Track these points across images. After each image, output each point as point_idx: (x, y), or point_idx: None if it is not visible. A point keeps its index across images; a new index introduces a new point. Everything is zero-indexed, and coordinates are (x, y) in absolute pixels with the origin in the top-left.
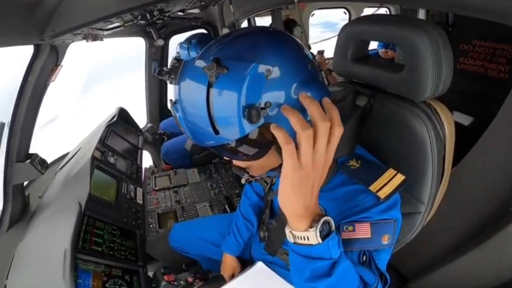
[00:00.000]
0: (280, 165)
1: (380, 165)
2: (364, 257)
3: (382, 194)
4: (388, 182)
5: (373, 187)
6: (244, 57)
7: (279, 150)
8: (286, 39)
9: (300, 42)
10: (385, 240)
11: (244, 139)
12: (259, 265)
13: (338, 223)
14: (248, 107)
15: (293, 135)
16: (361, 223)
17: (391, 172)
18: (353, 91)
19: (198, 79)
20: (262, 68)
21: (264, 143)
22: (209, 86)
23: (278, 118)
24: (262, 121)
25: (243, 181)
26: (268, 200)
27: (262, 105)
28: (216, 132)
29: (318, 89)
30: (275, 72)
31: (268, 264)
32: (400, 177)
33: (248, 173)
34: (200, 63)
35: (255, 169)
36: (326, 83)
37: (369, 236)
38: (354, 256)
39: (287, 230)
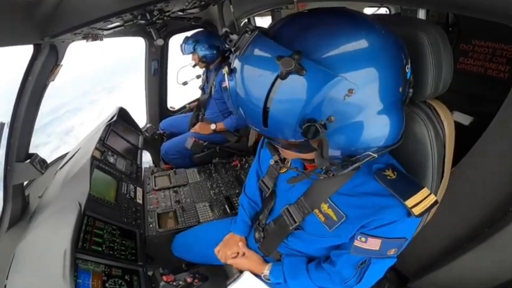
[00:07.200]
0: (312, 159)
1: (415, 182)
2: (363, 264)
3: (416, 211)
4: (422, 201)
5: (408, 202)
6: (330, 63)
7: (321, 156)
8: (390, 49)
9: (405, 53)
10: (391, 252)
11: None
12: (246, 275)
13: (357, 229)
14: (308, 120)
15: (347, 146)
16: (374, 238)
17: (426, 191)
18: None
19: (268, 64)
20: (345, 85)
21: (308, 146)
22: (278, 77)
23: (333, 132)
24: (317, 137)
25: (271, 161)
26: (270, 197)
27: (324, 122)
28: (265, 125)
29: (395, 121)
30: (357, 94)
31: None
32: (432, 198)
33: (279, 154)
34: (277, 49)
35: (289, 154)
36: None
37: (377, 249)
38: (356, 259)
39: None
